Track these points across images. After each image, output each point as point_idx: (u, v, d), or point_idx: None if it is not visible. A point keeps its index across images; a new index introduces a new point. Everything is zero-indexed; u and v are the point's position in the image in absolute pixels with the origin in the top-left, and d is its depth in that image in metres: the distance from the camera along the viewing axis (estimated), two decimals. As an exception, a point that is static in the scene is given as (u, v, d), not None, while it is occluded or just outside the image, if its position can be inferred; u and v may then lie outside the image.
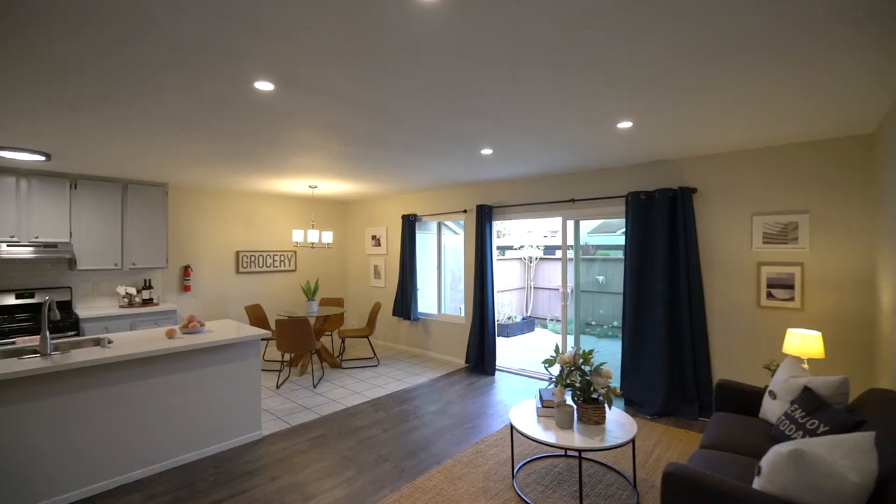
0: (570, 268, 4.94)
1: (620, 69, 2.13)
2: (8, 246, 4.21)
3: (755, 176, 3.69)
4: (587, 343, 6.81)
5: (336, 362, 5.66)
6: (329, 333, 6.83)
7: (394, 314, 6.50)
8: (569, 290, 4.96)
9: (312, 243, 5.60)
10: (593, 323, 7.39)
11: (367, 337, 5.80)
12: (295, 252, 6.87)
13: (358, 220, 7.42)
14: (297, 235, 5.59)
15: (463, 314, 6.01)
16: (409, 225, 6.34)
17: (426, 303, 6.56)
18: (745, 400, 2.87)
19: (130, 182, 4.94)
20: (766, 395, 2.69)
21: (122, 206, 4.88)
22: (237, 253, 6.21)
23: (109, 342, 3.06)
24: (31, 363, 2.58)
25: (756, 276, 3.68)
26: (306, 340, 4.81)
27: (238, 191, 6.07)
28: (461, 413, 4.12)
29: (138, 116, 2.80)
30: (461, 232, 6.48)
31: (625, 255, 4.32)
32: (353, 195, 6.66)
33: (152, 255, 5.09)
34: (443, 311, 6.37)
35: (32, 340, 4.04)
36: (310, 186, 5.67)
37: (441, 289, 6.43)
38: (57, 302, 4.63)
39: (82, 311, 4.65)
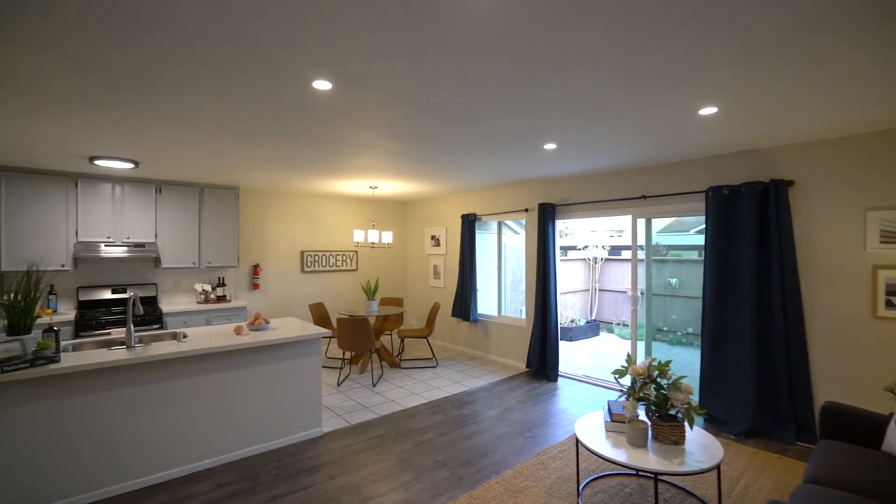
0: (641, 269, 4.58)
1: (705, 45, 1.86)
2: (105, 246, 4.64)
3: (869, 165, 3.16)
4: (659, 350, 6.32)
5: (395, 362, 5.68)
6: (389, 333, 6.90)
7: (453, 315, 6.43)
8: (639, 293, 4.60)
9: (373, 243, 5.67)
10: (665, 329, 6.85)
11: (425, 338, 5.76)
12: (356, 252, 7.02)
13: (417, 219, 7.44)
14: (358, 235, 5.68)
15: (524, 316, 5.80)
16: (469, 224, 6.24)
17: (486, 304, 6.42)
18: (862, 428, 2.44)
19: (206, 186, 5.27)
20: (893, 423, 2.27)
21: (198, 209, 5.22)
22: (302, 253, 6.44)
23: (184, 337, 3.24)
24: (117, 354, 2.78)
25: (871, 282, 3.15)
26: (366, 340, 4.86)
27: (302, 192, 6.29)
28: (522, 420, 3.94)
29: (208, 125, 2.94)
30: (522, 231, 6.26)
31: (704, 255, 3.91)
32: (413, 195, 6.68)
33: (225, 255, 5.40)
34: (503, 313, 6.20)
35: (122, 333, 4.43)
36: (370, 187, 5.74)
37: (501, 290, 6.26)
38: (143, 297, 5.05)
39: (166, 305, 5.03)
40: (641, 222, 4.59)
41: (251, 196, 5.97)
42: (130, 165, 4.11)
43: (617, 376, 2.70)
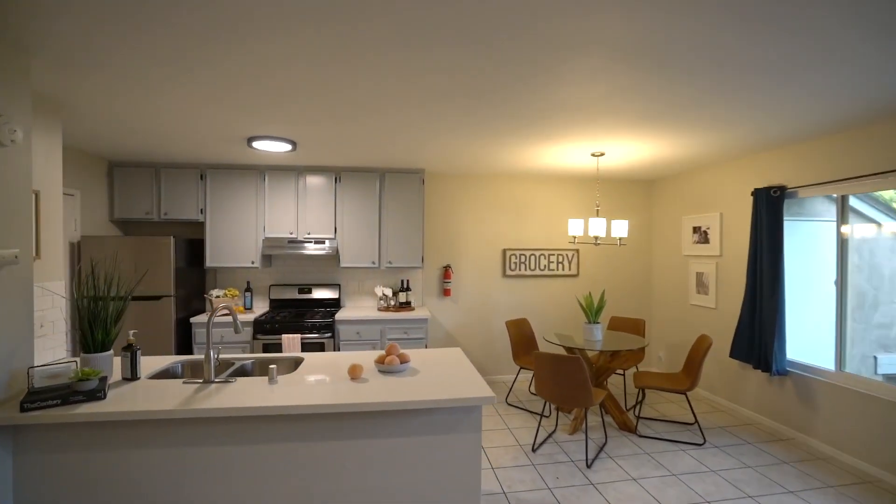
0: None
1: None
2: (289, 242, 4.26)
3: None
4: None
5: (628, 423, 3.60)
6: (621, 372, 4.77)
7: (733, 355, 3.85)
8: None
9: (596, 238, 3.74)
10: None
11: (683, 393, 3.46)
12: (577, 252, 5.15)
13: (669, 203, 5.01)
14: (575, 227, 3.85)
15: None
16: (770, 205, 3.56)
17: (804, 344, 3.59)
18: None
19: (388, 171, 4.41)
20: None
21: (378, 199, 4.39)
22: (504, 252, 5.01)
23: (275, 377, 2.16)
24: (170, 400, 1.85)
25: None
26: (577, 392, 3.01)
27: (504, 173, 4.85)
28: None
29: (385, 81, 1.73)
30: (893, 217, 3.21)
31: None
32: (659, 166, 4.36)
33: (408, 253, 4.44)
34: (844, 367, 3.28)
35: (293, 340, 3.87)
36: (593, 155, 3.82)
37: (841, 323, 3.33)
38: (326, 299, 4.54)
39: (348, 310, 4.38)
40: None
41: (439, 181, 4.89)
42: (288, 147, 3.45)
43: None
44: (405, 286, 4.60)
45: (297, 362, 2.54)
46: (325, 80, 2.23)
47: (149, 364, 2.43)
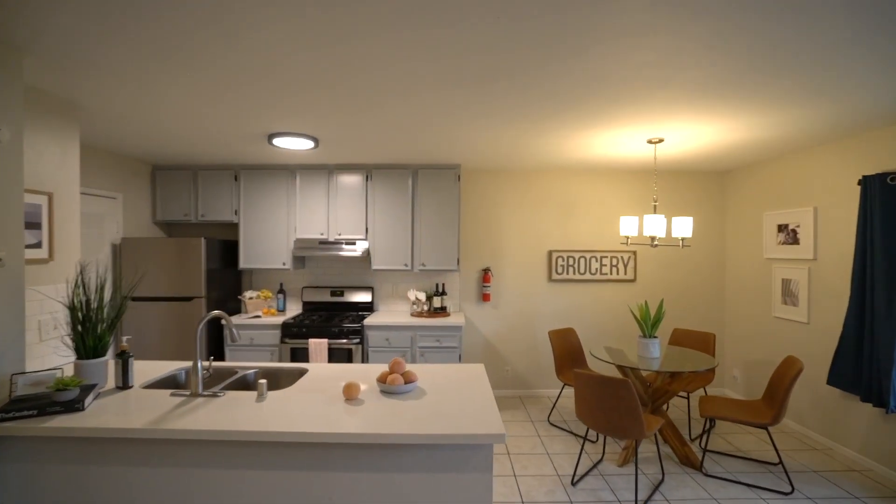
0: None
1: None
2: (319, 244, 4.13)
3: None
4: None
5: (691, 458, 3.04)
6: (684, 395, 4.13)
7: (832, 382, 3.15)
8: None
9: (653, 238, 3.21)
10: None
11: (764, 427, 2.84)
12: (633, 254, 4.57)
13: (745, 198, 4.29)
14: (628, 226, 3.35)
15: None
16: (887, 196, 2.84)
17: (932, 375, 2.82)
18: None
19: (421, 167, 4.14)
20: None
21: (411, 197, 4.14)
22: (549, 253, 4.56)
23: (264, 393, 1.94)
24: (167, 406, 1.69)
25: None
26: (625, 421, 2.54)
27: (548, 166, 4.40)
28: None
29: (408, 65, 1.51)
30: None
31: None
32: (733, 153, 3.70)
33: (443, 255, 4.14)
34: None
35: (320, 346, 3.71)
36: (650, 142, 3.29)
37: None
38: (358, 303, 4.35)
39: (376, 315, 4.17)
40: None
41: (477, 177, 4.55)
42: (310, 144, 3.29)
43: None
44: (440, 290, 4.31)
45: (300, 373, 2.33)
46: (342, 65, 1.99)
47: (157, 369, 2.33)
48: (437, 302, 4.21)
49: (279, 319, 3.90)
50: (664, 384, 3.14)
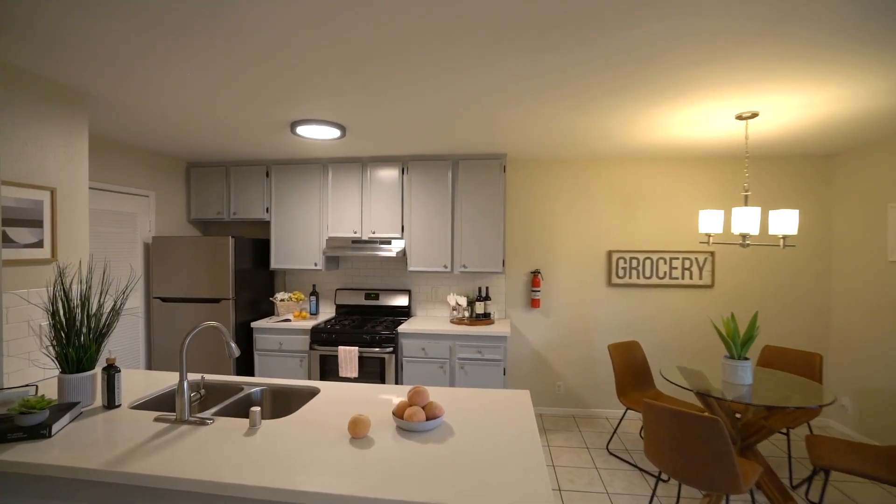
0: None
1: None
2: (352, 243, 3.84)
3: None
4: None
5: (799, 516, 2.40)
6: (784, 432, 3.41)
7: None
8: None
9: (744, 236, 2.60)
10: None
11: (902, 484, 2.16)
12: (711, 255, 3.89)
13: (860, 187, 3.49)
14: (710, 222, 2.75)
15: None
16: None
17: None
18: None
19: (462, 157, 3.72)
20: None
21: (451, 191, 3.73)
22: (609, 254, 3.99)
23: (257, 423, 1.60)
24: (145, 435, 1.41)
25: None
26: (714, 471, 1.98)
27: (608, 153, 3.83)
28: None
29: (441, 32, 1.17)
30: None
31: None
32: (845, 129, 2.96)
33: (486, 256, 3.70)
34: None
35: (350, 354, 3.41)
36: (739, 117, 2.66)
37: None
38: (394, 307, 4.01)
39: (413, 321, 3.81)
40: None
41: (525, 168, 4.05)
42: (335, 133, 2.97)
43: None
44: (483, 294, 3.87)
45: (311, 394, 2.00)
46: (366, 38, 1.62)
47: (162, 381, 2.09)
48: (479, 307, 3.78)
49: (308, 324, 3.64)
50: (759, 418, 2.52)
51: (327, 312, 4.19)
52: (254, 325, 3.67)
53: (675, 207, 3.92)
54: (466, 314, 3.77)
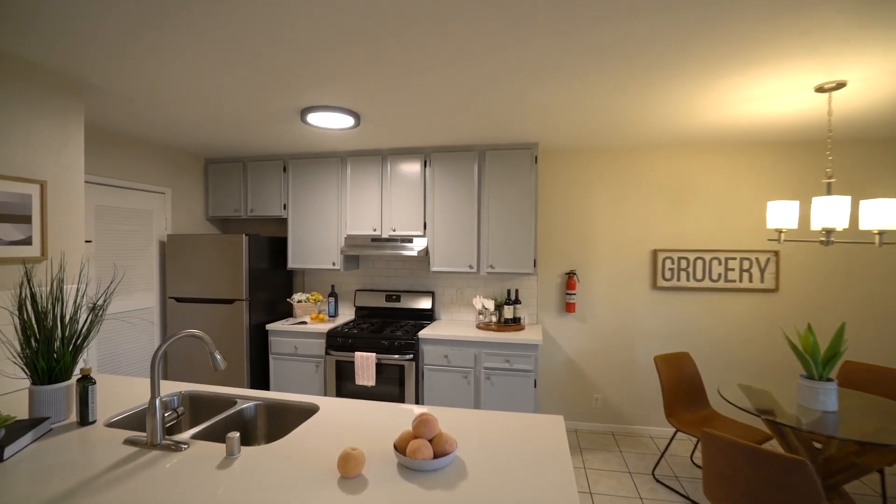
0: None
1: None
2: (372, 241, 3.60)
3: None
4: None
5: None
6: (879, 471, 2.90)
7: None
8: None
9: (828, 231, 2.16)
10: None
11: None
12: (775, 255, 3.41)
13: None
14: (781, 214, 2.32)
15: None
16: None
17: None
18: None
19: (489, 148, 3.41)
20: None
21: (477, 185, 3.42)
22: (654, 253, 3.57)
23: (236, 452, 1.35)
24: (106, 462, 1.20)
25: None
26: (795, 522, 1.59)
27: (654, 140, 3.42)
28: None
29: None
30: None
31: None
32: (963, 104, 2.45)
33: (516, 255, 3.37)
34: None
35: (367, 360, 3.17)
36: (820, 89, 2.21)
37: None
38: (417, 310, 3.74)
39: (436, 326, 3.53)
40: None
41: (559, 159, 3.69)
42: (349, 121, 2.73)
43: None
44: (512, 297, 3.54)
45: (309, 412, 1.75)
46: (379, 11, 1.37)
47: (165, 389, 1.90)
48: (508, 312, 3.45)
49: (325, 327, 3.43)
50: (845, 452, 2.08)
51: (346, 315, 3.97)
52: (269, 327, 3.50)
53: (733, 200, 3.45)
54: (494, 319, 3.45)
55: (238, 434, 1.35)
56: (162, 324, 3.53)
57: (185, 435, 1.49)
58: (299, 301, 3.73)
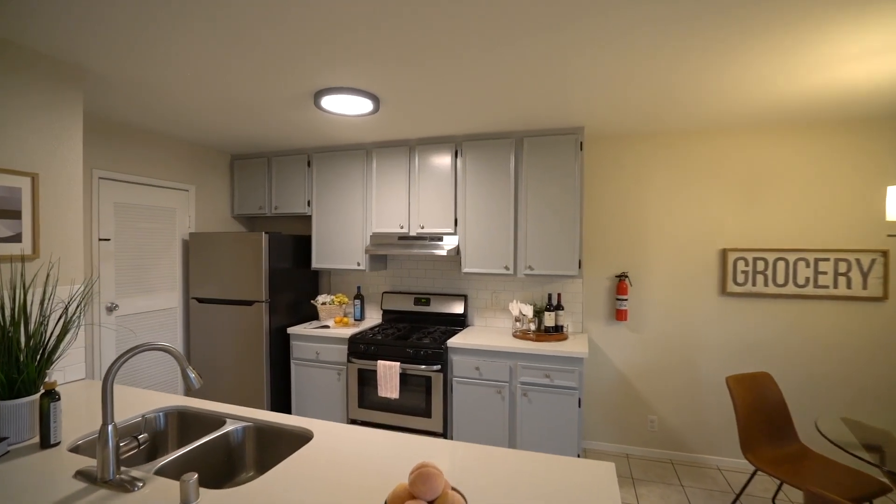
0: None
1: None
2: (399, 239, 3.32)
3: None
4: None
5: None
6: None
7: None
8: None
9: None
10: None
11: None
12: (883, 254, 2.79)
13: None
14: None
15: None
16: None
17: None
18: None
19: (527, 134, 3.03)
20: None
21: (513, 176, 3.05)
22: (723, 253, 3.04)
23: (192, 499, 1.08)
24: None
25: None
26: None
27: (721, 122, 2.91)
28: None
29: None
30: None
31: None
32: None
33: (558, 255, 2.97)
34: None
35: (390, 370, 2.89)
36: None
37: None
38: (448, 315, 3.42)
39: (468, 333, 3.19)
40: None
41: (607, 145, 3.24)
42: (368, 106, 2.45)
43: None
44: (554, 303, 3.14)
45: (302, 441, 1.48)
46: None
47: (152, 402, 1.70)
48: (549, 319, 3.05)
49: (348, 332, 3.18)
50: None
51: (373, 318, 3.72)
52: (290, 330, 3.30)
53: (825, 189, 2.87)
54: (532, 326, 3.06)
55: (195, 476, 1.08)
56: (185, 325, 3.43)
57: (143, 470, 1.24)
58: (323, 303, 3.51)
